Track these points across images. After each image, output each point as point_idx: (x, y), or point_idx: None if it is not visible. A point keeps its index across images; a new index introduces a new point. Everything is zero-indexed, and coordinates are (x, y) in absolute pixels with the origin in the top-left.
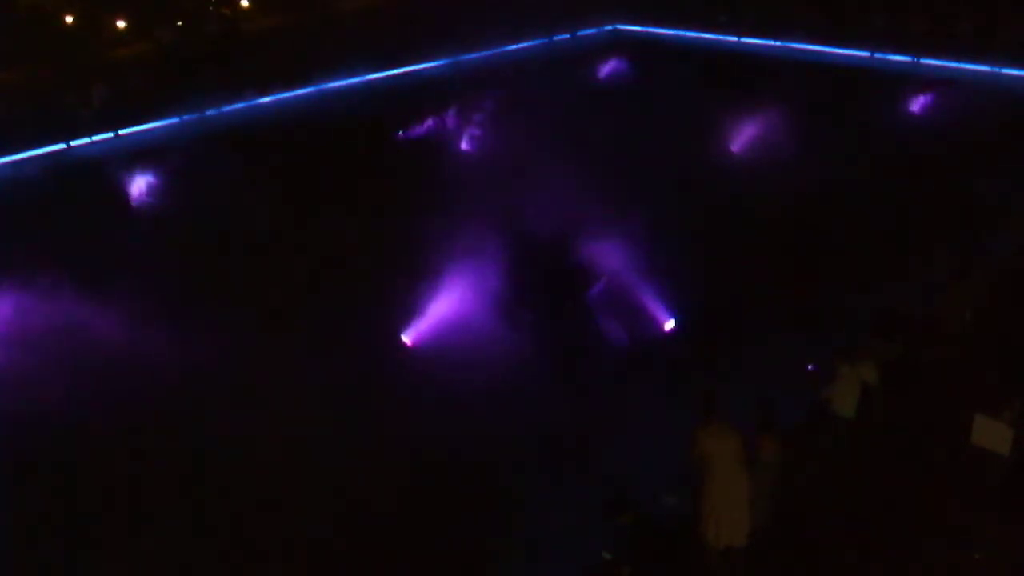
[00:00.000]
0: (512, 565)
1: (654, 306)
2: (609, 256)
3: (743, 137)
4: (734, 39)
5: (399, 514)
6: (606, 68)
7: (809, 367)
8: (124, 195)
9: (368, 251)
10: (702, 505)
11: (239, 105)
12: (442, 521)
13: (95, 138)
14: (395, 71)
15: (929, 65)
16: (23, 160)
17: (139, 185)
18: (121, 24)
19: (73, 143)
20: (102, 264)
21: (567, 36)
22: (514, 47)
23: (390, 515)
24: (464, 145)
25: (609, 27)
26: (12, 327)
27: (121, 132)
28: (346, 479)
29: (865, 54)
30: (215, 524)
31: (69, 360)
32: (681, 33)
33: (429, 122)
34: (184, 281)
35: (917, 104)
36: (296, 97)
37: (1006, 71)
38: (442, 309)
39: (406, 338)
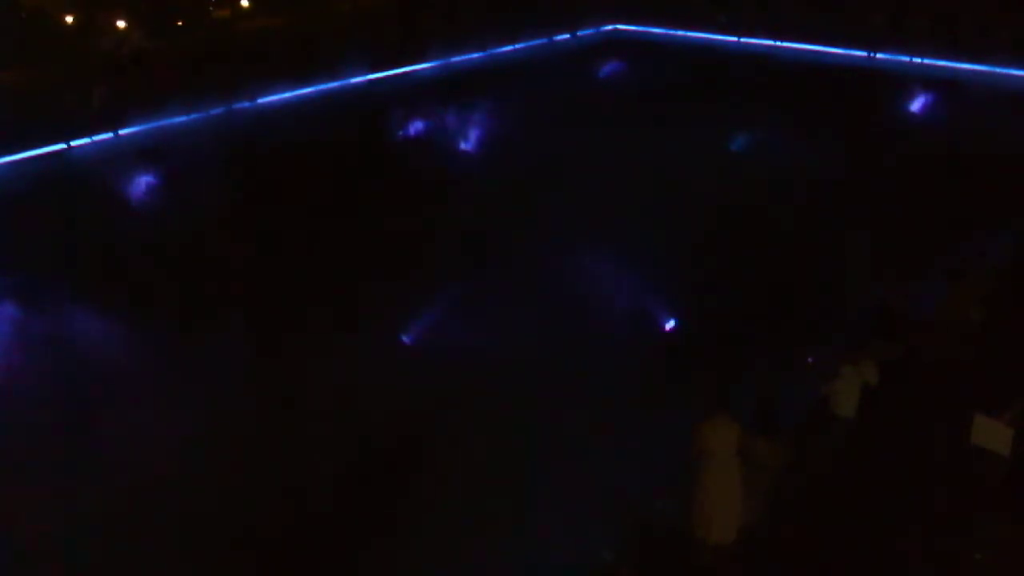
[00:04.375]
0: (513, 565)
1: (654, 306)
2: (608, 256)
3: (742, 137)
4: (734, 39)
5: (398, 511)
6: (606, 69)
7: (809, 359)
8: (123, 195)
9: (366, 252)
10: (697, 499)
11: (240, 105)
12: (437, 519)
13: (95, 138)
14: (393, 72)
15: (928, 65)
16: (23, 160)
17: (138, 185)
18: (121, 24)
19: (73, 143)
20: (100, 264)
21: (567, 36)
22: (514, 47)
23: (389, 512)
24: (463, 146)
25: (609, 27)
26: (5, 328)
27: (121, 132)
28: (343, 477)
29: (865, 54)
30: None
31: (63, 360)
32: (681, 33)
33: (428, 123)
34: (182, 282)
35: (916, 104)
36: (296, 97)
37: (1006, 71)
38: (441, 309)
39: (405, 338)
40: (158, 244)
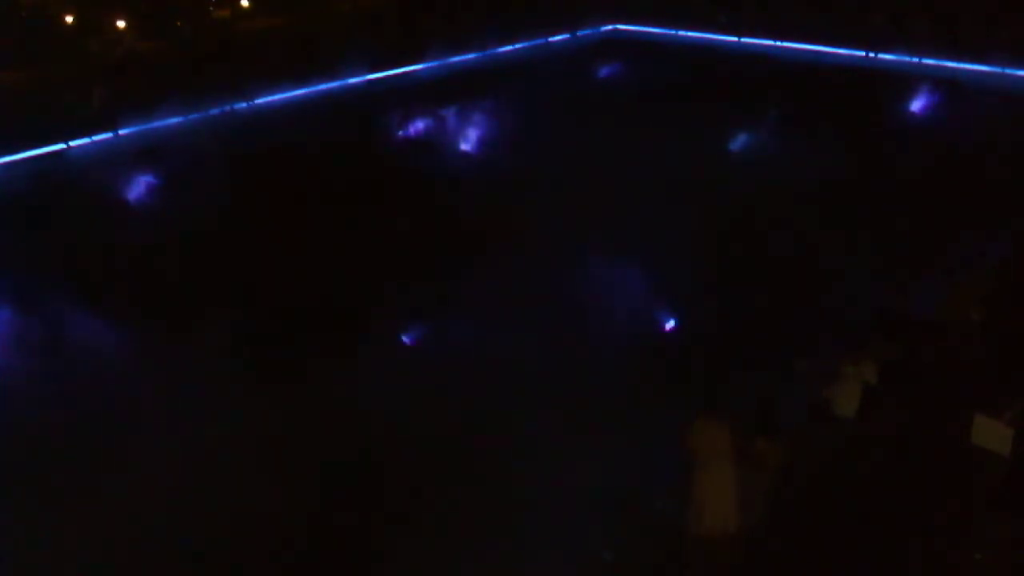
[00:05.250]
0: (511, 565)
1: (654, 306)
2: (607, 257)
3: (742, 138)
4: (734, 39)
5: (397, 511)
6: (605, 69)
7: (804, 362)
8: (122, 196)
9: (365, 253)
10: (693, 497)
11: (240, 105)
12: (439, 519)
13: (95, 138)
14: (393, 72)
15: (928, 65)
16: (22, 160)
17: (137, 186)
18: (121, 24)
19: (73, 143)
20: (98, 266)
21: (567, 36)
22: (514, 48)
23: (387, 512)
24: (463, 146)
25: (608, 27)
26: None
27: (121, 132)
28: (338, 477)
29: (865, 54)
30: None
31: (56, 366)
32: (681, 33)
33: (428, 124)
34: (182, 282)
35: (916, 104)
36: (296, 97)
37: (1006, 71)
38: (441, 310)
39: (405, 339)
40: (157, 245)
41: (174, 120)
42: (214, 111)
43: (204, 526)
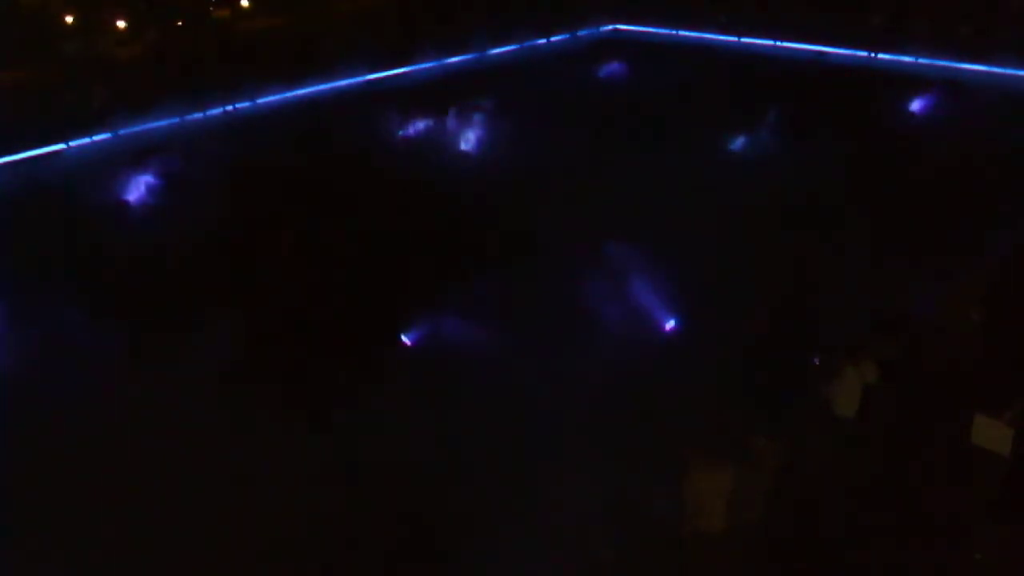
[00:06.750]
0: (512, 564)
1: (655, 308)
2: (608, 257)
3: (742, 137)
4: (734, 39)
5: (396, 513)
6: (605, 69)
7: (815, 361)
8: (122, 195)
9: (367, 252)
10: (688, 494)
11: (240, 105)
12: (440, 519)
13: (95, 138)
14: (393, 72)
15: (928, 65)
16: (23, 160)
17: (137, 185)
18: (121, 24)
19: (73, 143)
20: (96, 267)
21: (567, 36)
22: (514, 48)
23: (384, 515)
24: (463, 147)
25: (609, 27)
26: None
27: (121, 132)
28: (337, 482)
29: (865, 54)
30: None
31: (56, 362)
32: (681, 33)
33: (427, 124)
34: (182, 282)
35: (916, 104)
36: (296, 97)
37: (1006, 71)
38: (442, 310)
39: (406, 339)
40: (156, 245)
41: (174, 120)
42: (214, 111)
43: (204, 531)
